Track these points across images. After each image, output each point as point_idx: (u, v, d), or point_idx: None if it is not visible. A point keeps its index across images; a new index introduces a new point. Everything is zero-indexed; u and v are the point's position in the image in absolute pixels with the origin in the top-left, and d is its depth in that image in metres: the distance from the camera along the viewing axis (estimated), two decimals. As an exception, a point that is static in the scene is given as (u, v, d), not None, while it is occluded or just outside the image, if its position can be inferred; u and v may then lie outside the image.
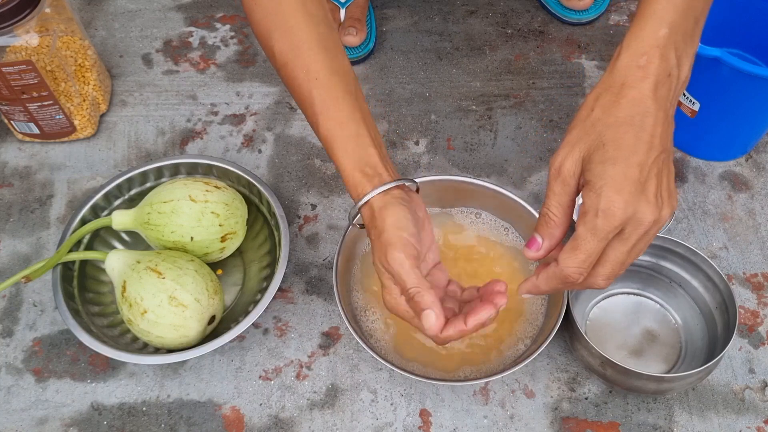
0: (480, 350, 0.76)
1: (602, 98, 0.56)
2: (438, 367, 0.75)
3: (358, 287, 0.80)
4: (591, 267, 0.56)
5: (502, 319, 0.77)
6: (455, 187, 0.82)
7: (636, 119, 0.54)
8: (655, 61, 0.55)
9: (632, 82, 0.55)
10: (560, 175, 0.56)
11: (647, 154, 0.54)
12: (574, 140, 0.56)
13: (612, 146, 0.54)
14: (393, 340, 0.77)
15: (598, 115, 0.55)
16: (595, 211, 0.53)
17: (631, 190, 0.53)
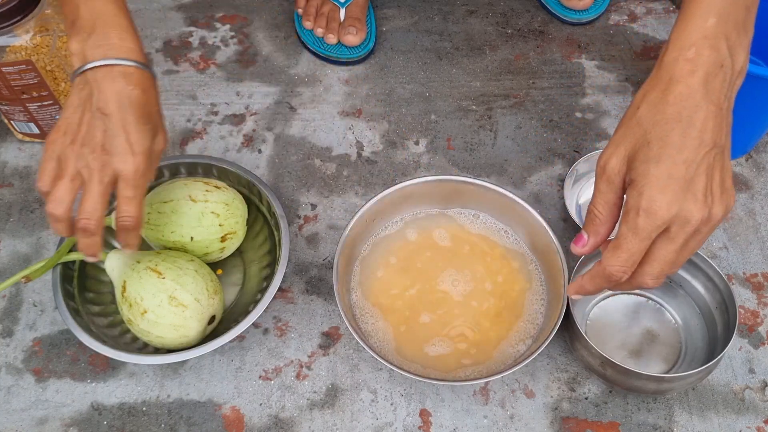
0: (480, 350, 0.76)
1: (649, 95, 0.54)
2: (438, 367, 0.75)
3: (358, 287, 0.80)
4: (634, 265, 0.55)
5: (503, 319, 0.78)
6: (453, 188, 0.83)
7: (684, 115, 0.52)
8: (705, 53, 0.53)
9: (680, 77, 0.53)
10: (605, 174, 0.56)
11: (696, 150, 0.52)
12: (619, 139, 0.55)
13: (657, 144, 0.52)
14: (393, 341, 0.77)
15: (644, 112, 0.54)
16: (636, 210, 0.53)
17: (675, 189, 0.52)
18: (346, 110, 0.99)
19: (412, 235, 0.83)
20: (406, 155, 0.95)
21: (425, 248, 0.82)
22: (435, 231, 0.83)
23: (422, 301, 0.79)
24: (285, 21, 1.08)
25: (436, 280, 0.80)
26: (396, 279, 0.80)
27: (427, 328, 0.77)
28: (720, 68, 0.53)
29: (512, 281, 0.80)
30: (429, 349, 0.76)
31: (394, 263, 0.81)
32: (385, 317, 0.78)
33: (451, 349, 0.76)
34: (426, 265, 0.81)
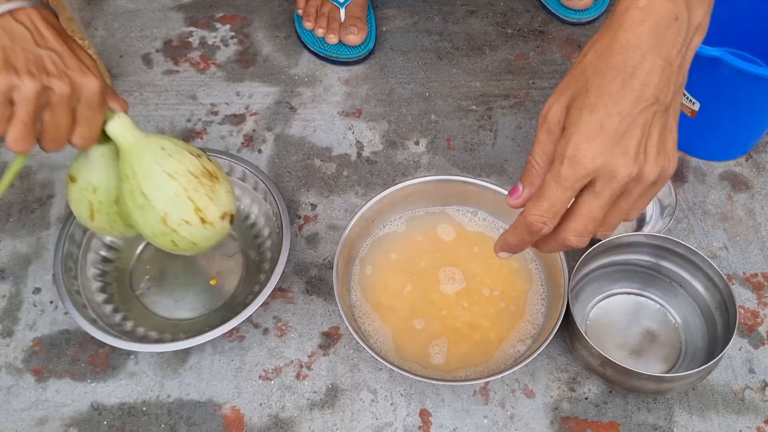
0: (480, 350, 0.76)
1: (597, 43, 0.51)
2: (438, 367, 0.75)
3: (358, 287, 0.80)
4: (556, 216, 0.52)
5: (503, 319, 0.78)
6: (453, 188, 0.83)
7: (627, 65, 0.49)
8: (658, 2, 0.50)
9: (629, 25, 0.50)
10: (545, 123, 0.53)
11: (634, 103, 0.49)
12: (563, 87, 0.53)
13: (595, 92, 0.50)
14: (393, 341, 0.77)
15: (590, 59, 0.51)
16: (561, 158, 0.50)
17: (604, 140, 0.49)
18: (346, 110, 0.99)
19: (411, 234, 0.83)
20: (406, 155, 0.95)
21: (425, 247, 0.82)
22: (435, 229, 0.83)
23: (422, 301, 0.79)
24: (285, 21, 1.08)
25: (436, 279, 0.80)
26: (395, 278, 0.80)
27: (427, 328, 0.77)
28: (674, 20, 0.50)
29: (512, 281, 0.80)
30: (429, 350, 0.76)
31: (393, 263, 0.81)
32: (384, 317, 0.78)
33: (451, 350, 0.76)
34: (425, 264, 0.81)
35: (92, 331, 0.74)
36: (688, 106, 0.88)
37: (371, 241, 0.82)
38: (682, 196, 0.91)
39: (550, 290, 0.78)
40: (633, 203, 0.53)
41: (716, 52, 0.77)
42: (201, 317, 0.80)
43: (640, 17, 0.50)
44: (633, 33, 0.50)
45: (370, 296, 0.79)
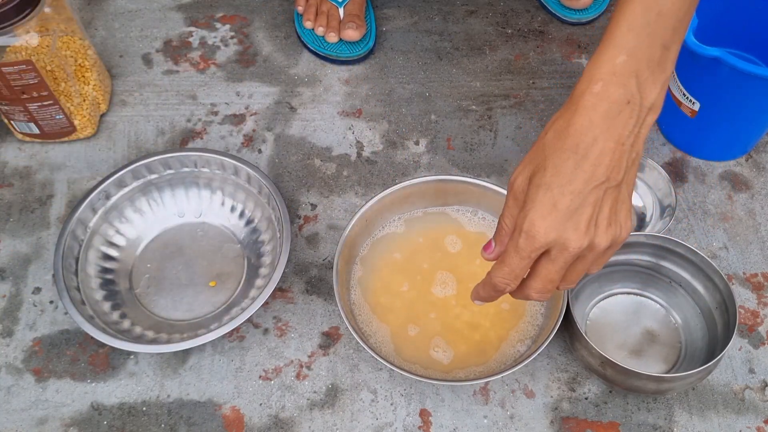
0: (480, 350, 0.76)
1: (556, 123, 0.56)
2: (438, 367, 0.75)
3: (358, 287, 0.80)
4: (518, 279, 0.58)
5: (503, 319, 0.78)
6: (452, 188, 0.83)
7: (581, 148, 0.53)
8: (611, 89, 0.53)
9: (584, 110, 0.54)
10: (512, 190, 0.58)
11: (585, 183, 0.53)
12: (528, 160, 0.57)
13: (551, 171, 0.54)
14: (392, 341, 0.77)
15: (549, 138, 0.56)
16: (519, 230, 0.55)
17: (556, 217, 0.54)
18: (346, 110, 0.99)
19: (411, 234, 0.83)
20: (406, 155, 0.95)
21: (425, 247, 0.82)
22: (434, 229, 0.83)
23: (422, 301, 0.79)
24: (285, 21, 1.08)
25: (436, 279, 0.80)
26: (395, 279, 0.80)
27: (427, 328, 0.77)
28: (626, 104, 0.53)
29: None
30: (429, 350, 0.76)
31: (393, 263, 0.81)
32: (384, 317, 0.78)
33: (451, 350, 0.76)
34: (425, 264, 0.81)
35: (88, 329, 0.74)
36: (688, 106, 0.88)
37: (371, 240, 0.82)
38: (682, 196, 0.91)
39: None
40: (589, 266, 0.58)
41: (716, 52, 0.77)
42: (198, 319, 0.80)
43: (593, 103, 0.53)
44: (587, 117, 0.54)
45: (369, 296, 0.79)
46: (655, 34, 0.54)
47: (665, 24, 0.54)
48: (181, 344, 0.73)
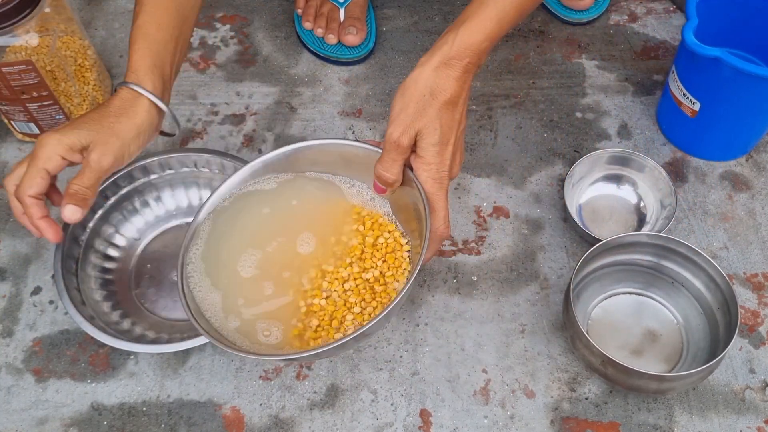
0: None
1: (435, 80, 0.66)
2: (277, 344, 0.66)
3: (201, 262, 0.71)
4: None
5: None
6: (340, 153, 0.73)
7: (452, 103, 0.66)
8: (478, 60, 0.68)
9: (455, 73, 0.66)
10: (398, 147, 0.65)
11: (457, 129, 0.67)
12: (409, 119, 0.65)
13: (441, 130, 0.65)
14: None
15: (428, 98, 0.65)
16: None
17: (449, 163, 0.67)
18: (346, 110, 0.99)
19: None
20: (407, 155, 0.94)
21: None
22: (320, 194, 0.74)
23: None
24: (285, 21, 1.08)
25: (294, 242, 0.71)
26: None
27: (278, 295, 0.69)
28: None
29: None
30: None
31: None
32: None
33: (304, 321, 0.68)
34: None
35: (88, 329, 0.73)
36: (688, 106, 0.88)
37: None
38: (683, 196, 0.91)
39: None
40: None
41: (716, 52, 0.77)
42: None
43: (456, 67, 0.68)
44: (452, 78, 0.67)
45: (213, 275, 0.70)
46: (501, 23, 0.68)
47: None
48: (182, 344, 0.73)
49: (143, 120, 0.69)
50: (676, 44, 1.06)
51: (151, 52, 0.70)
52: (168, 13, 0.72)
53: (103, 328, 0.74)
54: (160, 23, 0.71)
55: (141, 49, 0.71)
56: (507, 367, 0.79)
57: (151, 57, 0.70)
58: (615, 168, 0.89)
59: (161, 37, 0.71)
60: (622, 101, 1.00)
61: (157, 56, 0.71)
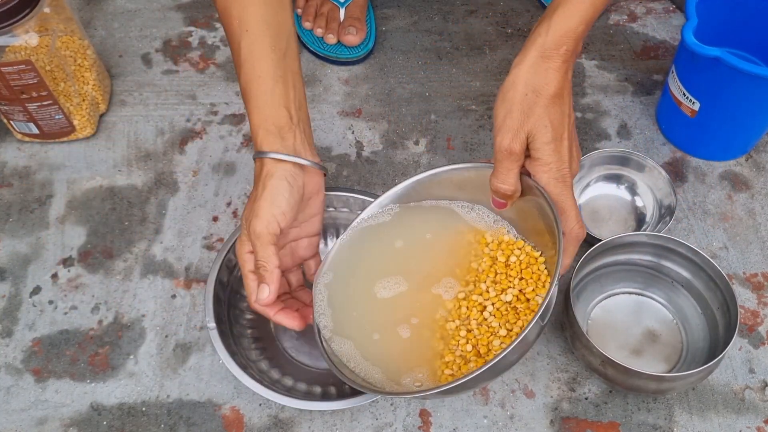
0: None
1: (532, 81, 0.62)
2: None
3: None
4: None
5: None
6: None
7: (558, 99, 0.63)
8: (575, 49, 0.64)
9: (556, 65, 0.62)
10: (512, 155, 0.63)
11: (568, 124, 0.64)
12: (516, 124, 0.64)
13: (552, 128, 0.62)
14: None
15: (532, 98, 0.62)
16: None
17: (568, 161, 0.64)
18: (345, 110, 0.99)
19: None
20: (406, 155, 0.94)
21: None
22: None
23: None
24: (285, 21, 1.08)
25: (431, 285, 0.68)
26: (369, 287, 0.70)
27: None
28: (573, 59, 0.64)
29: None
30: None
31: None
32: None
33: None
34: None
35: (257, 389, 0.70)
36: (688, 106, 0.88)
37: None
38: (682, 196, 0.91)
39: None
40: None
41: (716, 52, 0.77)
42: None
43: (560, 62, 0.64)
44: (560, 74, 0.63)
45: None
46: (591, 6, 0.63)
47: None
48: (354, 399, 0.69)
49: (274, 182, 0.64)
50: (675, 44, 1.05)
51: (257, 109, 0.65)
52: (264, 59, 0.65)
53: (260, 380, 0.71)
54: (260, 74, 0.65)
55: (250, 111, 0.66)
56: (507, 367, 0.79)
57: (258, 114, 0.65)
58: (614, 168, 0.89)
59: (265, 87, 0.65)
60: (622, 101, 1.00)
61: (264, 109, 0.65)
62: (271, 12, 0.66)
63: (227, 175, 0.92)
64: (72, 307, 0.82)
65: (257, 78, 0.65)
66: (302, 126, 0.67)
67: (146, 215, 0.89)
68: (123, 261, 0.85)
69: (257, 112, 0.65)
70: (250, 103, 0.65)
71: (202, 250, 0.86)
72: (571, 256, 0.64)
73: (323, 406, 0.69)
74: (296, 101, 0.67)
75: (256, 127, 0.65)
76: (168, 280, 0.84)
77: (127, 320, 0.81)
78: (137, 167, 0.93)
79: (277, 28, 0.66)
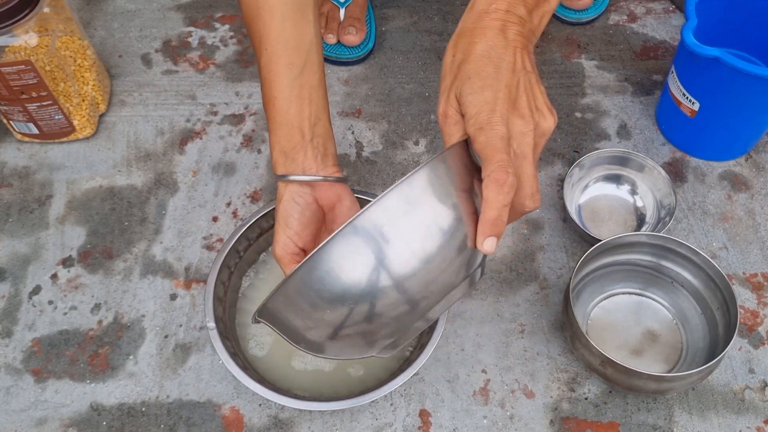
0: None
1: (459, 43, 0.57)
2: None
3: None
4: (513, 187, 0.55)
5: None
6: None
7: (492, 53, 0.55)
8: (502, 7, 0.57)
9: (485, 25, 0.56)
10: (447, 118, 0.57)
11: (512, 76, 0.55)
12: (447, 86, 0.57)
13: (477, 78, 0.55)
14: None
15: (459, 57, 0.56)
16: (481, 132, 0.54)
17: (503, 108, 0.54)
18: (345, 110, 0.99)
19: None
20: (406, 155, 0.94)
21: None
22: None
23: None
24: (284, 21, 1.08)
25: None
26: None
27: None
28: (517, 22, 0.57)
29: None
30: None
31: None
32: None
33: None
34: None
35: (257, 389, 0.70)
36: (688, 106, 0.88)
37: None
38: (682, 196, 0.91)
39: None
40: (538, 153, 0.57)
41: (716, 52, 0.77)
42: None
43: (492, 18, 0.57)
44: (490, 29, 0.56)
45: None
46: None
47: None
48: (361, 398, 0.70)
49: (283, 204, 0.67)
50: (675, 44, 1.06)
51: (273, 131, 0.67)
52: (279, 78, 0.66)
53: (260, 380, 0.71)
54: (276, 94, 0.66)
55: (269, 131, 0.68)
56: (506, 367, 0.79)
57: (274, 136, 0.67)
58: (614, 168, 0.89)
59: (279, 108, 0.67)
60: (622, 101, 1.00)
61: (278, 131, 0.67)
62: (289, 27, 0.66)
63: (227, 175, 0.92)
64: (72, 308, 0.82)
65: (273, 99, 0.66)
66: (317, 140, 0.67)
67: (146, 215, 0.89)
68: (123, 261, 0.85)
69: (273, 134, 0.67)
70: (268, 123, 0.68)
71: (201, 250, 0.86)
72: (495, 206, 0.53)
73: (323, 406, 0.70)
74: (311, 117, 0.67)
75: (272, 149, 0.67)
76: (168, 281, 0.84)
77: (127, 320, 0.81)
78: (137, 167, 0.93)
79: (296, 42, 0.66)
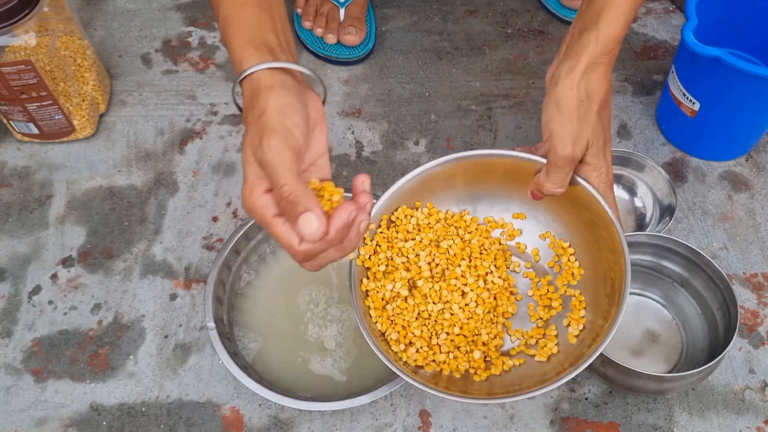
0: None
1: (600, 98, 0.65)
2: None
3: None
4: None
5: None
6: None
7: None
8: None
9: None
10: (574, 159, 0.66)
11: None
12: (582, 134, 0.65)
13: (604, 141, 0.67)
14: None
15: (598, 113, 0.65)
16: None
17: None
18: (345, 110, 0.99)
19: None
20: (406, 155, 0.94)
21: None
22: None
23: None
24: (284, 21, 1.08)
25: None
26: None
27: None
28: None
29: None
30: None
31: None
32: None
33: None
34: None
35: (257, 389, 0.71)
36: (688, 106, 0.88)
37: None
38: (682, 196, 0.91)
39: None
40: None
41: (716, 52, 0.77)
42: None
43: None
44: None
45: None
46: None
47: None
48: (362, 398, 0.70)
49: (271, 95, 0.55)
50: (675, 44, 1.05)
51: (241, 31, 0.57)
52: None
53: (260, 380, 0.72)
54: (243, 1, 0.58)
55: (232, 34, 0.58)
56: (506, 367, 0.78)
57: (242, 35, 0.57)
58: (614, 168, 0.89)
59: (251, 12, 0.58)
60: (622, 101, 1.00)
61: (250, 30, 0.57)
62: None
63: (227, 175, 0.92)
64: (72, 308, 0.82)
65: (241, 5, 0.58)
66: (291, 50, 0.59)
67: (146, 215, 0.89)
68: (123, 261, 0.85)
69: (242, 33, 0.56)
70: (233, 25, 0.57)
71: (201, 250, 0.86)
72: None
73: (323, 406, 0.70)
74: (284, 33, 0.59)
75: (241, 46, 0.55)
76: (168, 281, 0.84)
77: (127, 320, 0.81)
78: (137, 167, 0.93)
79: None
